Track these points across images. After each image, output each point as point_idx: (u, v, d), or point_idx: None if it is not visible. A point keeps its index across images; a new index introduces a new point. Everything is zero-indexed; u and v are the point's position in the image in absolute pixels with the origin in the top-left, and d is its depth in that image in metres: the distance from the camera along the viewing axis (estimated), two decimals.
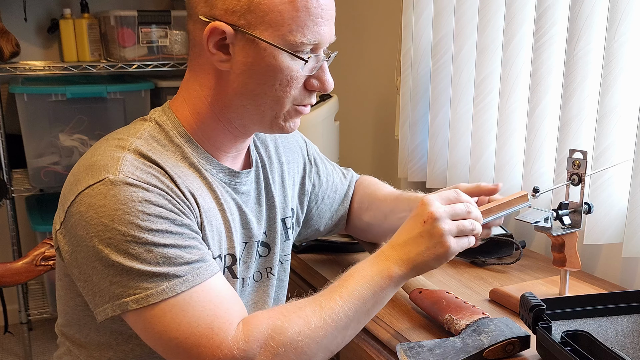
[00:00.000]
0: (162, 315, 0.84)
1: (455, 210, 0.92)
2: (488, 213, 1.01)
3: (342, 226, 1.29)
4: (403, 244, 0.92)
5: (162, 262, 0.84)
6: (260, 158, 1.10)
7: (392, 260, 0.92)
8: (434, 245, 0.90)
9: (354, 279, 0.91)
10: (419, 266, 0.91)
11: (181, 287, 0.85)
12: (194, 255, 0.87)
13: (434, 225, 0.90)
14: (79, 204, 0.86)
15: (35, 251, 1.30)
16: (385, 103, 2.20)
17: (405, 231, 0.93)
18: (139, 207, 0.84)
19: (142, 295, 0.84)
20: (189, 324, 0.84)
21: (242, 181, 1.03)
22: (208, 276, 0.88)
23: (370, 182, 1.31)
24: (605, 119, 1.24)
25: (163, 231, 0.85)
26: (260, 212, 1.08)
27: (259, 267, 1.10)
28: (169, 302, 0.84)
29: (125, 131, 0.96)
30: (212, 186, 0.97)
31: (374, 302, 0.91)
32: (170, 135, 0.96)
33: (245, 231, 1.04)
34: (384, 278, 0.91)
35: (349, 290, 0.90)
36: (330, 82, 0.96)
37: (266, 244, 1.10)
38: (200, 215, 0.93)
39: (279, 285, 1.15)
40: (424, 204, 0.92)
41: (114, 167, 0.87)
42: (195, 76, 0.97)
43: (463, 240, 0.92)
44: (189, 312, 0.85)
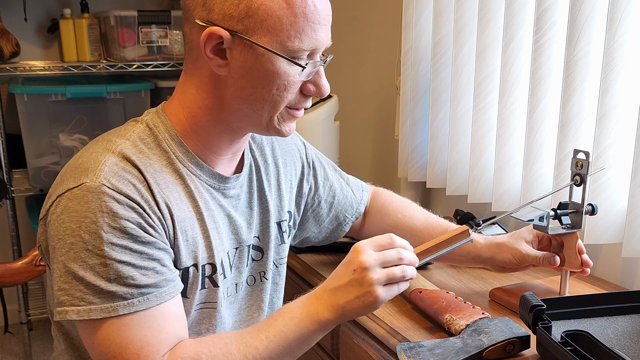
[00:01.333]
0: (98, 330, 0.87)
1: (386, 257, 0.91)
2: (426, 253, 1.00)
3: (339, 235, 1.29)
4: (334, 290, 0.92)
5: (113, 279, 0.86)
6: (255, 162, 1.10)
7: (322, 304, 0.92)
8: (362, 294, 0.90)
9: (282, 319, 0.92)
10: (348, 313, 0.91)
11: (124, 310, 0.86)
12: (148, 278, 0.88)
13: (364, 274, 0.90)
14: (56, 205, 0.89)
15: (35, 251, 1.30)
16: (385, 103, 2.20)
17: (336, 277, 0.93)
18: (105, 219, 0.86)
19: (84, 308, 0.86)
20: (119, 345, 0.86)
21: (231, 185, 1.03)
22: (155, 303, 0.88)
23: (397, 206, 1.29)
24: (605, 119, 1.24)
25: (122, 247, 0.86)
26: (252, 216, 1.08)
27: (252, 271, 1.10)
28: (108, 320, 0.86)
29: (115, 132, 0.97)
30: (193, 195, 0.97)
31: (300, 343, 0.92)
32: (159, 139, 0.96)
33: (235, 237, 1.04)
34: (312, 322, 0.92)
35: (276, 331, 0.91)
36: (327, 87, 0.96)
37: (259, 248, 1.10)
38: (173, 226, 0.93)
39: (273, 289, 1.14)
40: (356, 251, 0.92)
41: (93, 172, 0.88)
42: (191, 79, 0.97)
43: (393, 288, 0.92)
44: (123, 334, 0.86)
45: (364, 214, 1.30)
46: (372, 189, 1.34)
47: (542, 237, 1.17)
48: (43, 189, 2.46)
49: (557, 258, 1.12)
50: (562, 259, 1.14)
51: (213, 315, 1.01)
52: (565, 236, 1.13)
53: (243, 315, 1.10)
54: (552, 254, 1.13)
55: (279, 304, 1.16)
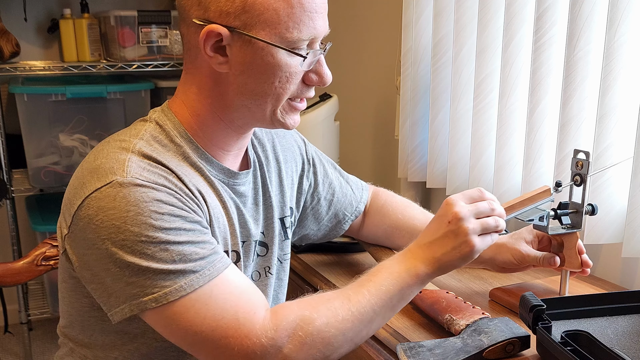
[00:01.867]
0: (185, 312, 0.85)
1: (479, 208, 0.93)
2: (511, 209, 1.02)
3: (338, 234, 1.29)
4: (429, 244, 0.93)
5: (178, 260, 0.85)
6: (258, 158, 1.10)
7: (419, 259, 0.93)
8: (459, 244, 0.91)
9: (381, 275, 0.93)
10: (444, 265, 0.93)
11: (199, 281, 0.85)
12: (208, 250, 0.88)
13: (459, 225, 0.91)
14: (87, 208, 0.86)
15: (35, 251, 1.30)
16: (385, 103, 2.20)
17: (431, 231, 0.94)
18: (150, 207, 0.85)
19: (160, 293, 0.84)
20: (213, 317, 0.85)
21: (240, 181, 1.03)
22: (223, 268, 0.88)
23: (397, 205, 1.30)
24: (605, 119, 1.24)
25: (176, 229, 0.86)
26: (258, 212, 1.08)
27: (257, 266, 1.10)
28: (189, 298, 0.85)
29: (126, 132, 0.96)
30: (214, 185, 0.98)
31: (400, 298, 0.92)
32: (171, 135, 0.96)
33: (243, 230, 1.05)
34: (411, 276, 0.92)
35: (377, 285, 0.91)
36: (329, 75, 0.97)
37: (264, 244, 1.10)
38: (208, 212, 0.94)
39: (277, 285, 1.15)
40: (448, 204, 0.93)
41: (120, 169, 0.87)
42: (192, 79, 0.97)
43: (487, 238, 0.93)
44: (211, 305, 0.85)
45: (364, 214, 1.30)
46: (372, 189, 1.34)
47: (542, 237, 1.17)
48: (43, 189, 2.45)
49: (557, 258, 1.12)
50: (562, 259, 1.14)
51: None
52: (565, 236, 1.13)
53: None
54: (552, 254, 1.13)
55: (283, 300, 1.17)
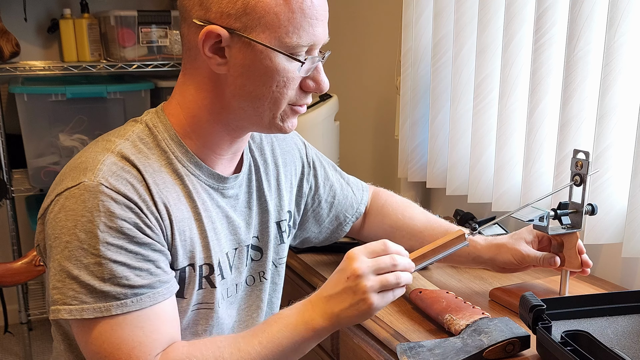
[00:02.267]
0: (91, 329, 0.87)
1: (379, 264, 0.90)
2: (422, 258, 0.99)
3: (339, 236, 1.29)
4: (329, 297, 0.91)
5: (107, 279, 0.86)
6: (255, 162, 1.10)
7: (317, 312, 0.91)
8: (356, 302, 0.89)
9: (277, 326, 0.91)
10: (342, 321, 0.91)
11: (117, 310, 0.86)
12: (142, 279, 0.88)
13: (357, 282, 0.89)
14: (54, 204, 0.89)
15: (34, 251, 1.30)
16: (385, 103, 2.20)
17: (331, 285, 0.92)
18: (101, 218, 0.86)
19: (77, 308, 0.86)
20: (111, 344, 0.86)
21: (229, 185, 1.03)
22: (149, 304, 0.88)
23: (397, 206, 1.29)
24: (605, 119, 1.24)
25: (118, 247, 0.86)
26: (251, 215, 1.08)
27: (251, 271, 1.10)
28: (101, 320, 0.86)
29: (115, 132, 0.97)
30: (191, 195, 0.97)
31: (294, 350, 0.91)
32: (159, 139, 0.96)
33: (234, 237, 1.04)
34: (307, 329, 0.91)
35: (270, 337, 0.90)
36: (326, 83, 0.97)
37: (258, 248, 1.10)
38: (170, 226, 0.93)
39: (272, 289, 1.14)
40: (349, 258, 0.91)
41: (91, 172, 0.88)
42: (190, 79, 0.96)
43: (388, 295, 0.90)
44: (116, 334, 0.86)
45: (364, 215, 1.30)
46: (373, 189, 1.34)
47: (542, 237, 1.17)
48: (43, 189, 2.46)
49: (557, 258, 1.12)
50: (562, 259, 1.14)
51: (210, 315, 1.01)
52: (565, 236, 1.13)
53: (242, 315, 1.10)
54: (552, 254, 1.13)
55: (278, 304, 1.16)
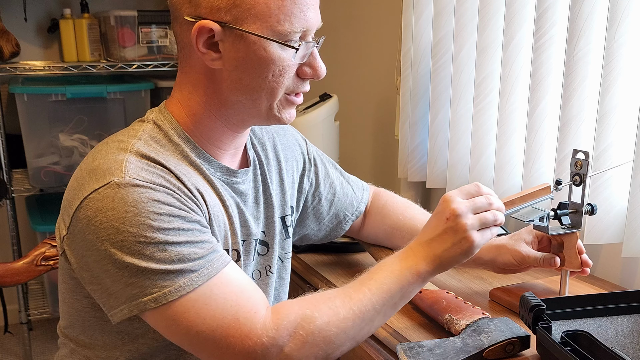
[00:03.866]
0: (185, 312, 0.85)
1: (476, 203, 0.93)
2: (510, 204, 1.02)
3: (338, 234, 1.29)
4: (429, 241, 0.93)
5: (177, 260, 0.85)
6: (258, 157, 1.10)
7: (419, 257, 0.93)
8: (459, 240, 0.91)
9: (383, 273, 0.92)
10: (445, 262, 0.93)
11: (198, 280, 0.85)
12: (206, 249, 0.88)
13: (457, 221, 0.91)
14: (85, 209, 0.86)
15: (35, 251, 1.30)
16: (385, 103, 2.20)
17: (430, 229, 0.94)
18: (148, 208, 0.84)
19: (160, 293, 0.84)
20: (213, 317, 0.85)
21: (240, 180, 1.03)
22: (222, 266, 0.88)
23: (397, 206, 1.29)
24: (605, 119, 1.24)
25: (175, 229, 0.85)
26: (258, 210, 1.08)
27: (258, 265, 1.10)
28: (189, 298, 0.85)
29: (124, 133, 0.96)
30: (213, 183, 0.98)
31: (401, 296, 0.92)
32: (169, 134, 0.96)
33: (244, 229, 1.04)
34: (412, 274, 0.92)
35: (378, 284, 0.91)
36: (323, 68, 0.96)
37: (265, 243, 1.10)
38: (208, 211, 0.94)
39: (279, 284, 1.14)
40: (446, 201, 0.93)
41: (118, 170, 0.86)
42: (187, 78, 0.97)
43: (486, 233, 0.93)
44: (211, 305, 0.85)
45: (365, 214, 1.30)
46: (373, 189, 1.34)
47: (542, 238, 1.17)
48: (43, 189, 2.46)
49: (557, 259, 1.12)
50: (562, 259, 1.14)
51: None
52: (565, 236, 1.13)
53: None
54: (552, 255, 1.13)
55: (285, 298, 1.17)
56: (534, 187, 1.05)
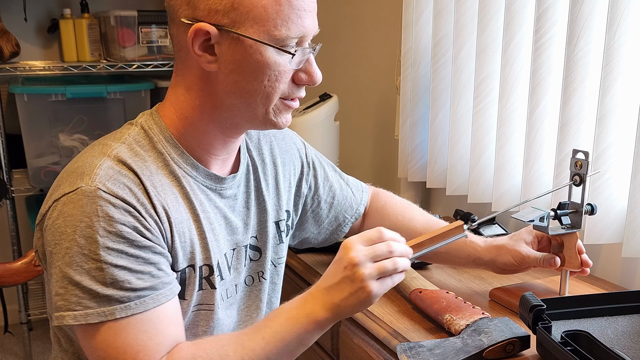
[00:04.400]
0: (95, 334, 0.87)
1: (376, 251, 0.89)
2: (420, 247, 0.98)
3: (338, 237, 1.28)
4: (328, 288, 0.91)
5: (109, 284, 0.86)
6: (252, 161, 1.09)
7: (318, 304, 0.91)
8: (355, 290, 0.88)
9: (279, 320, 0.91)
10: (343, 311, 0.90)
11: (121, 313, 0.86)
12: (144, 282, 0.88)
13: (354, 270, 0.88)
14: (52, 210, 0.88)
15: (33, 251, 1.30)
16: (385, 103, 2.20)
17: (329, 276, 0.92)
18: (101, 223, 0.85)
19: (81, 313, 0.86)
20: (116, 349, 0.86)
21: (227, 186, 1.03)
22: (152, 306, 0.88)
23: (396, 207, 1.29)
24: (605, 119, 1.24)
25: (118, 251, 0.86)
26: (249, 215, 1.07)
27: (250, 271, 1.10)
28: (104, 324, 0.86)
29: (111, 136, 0.97)
30: (189, 196, 0.97)
31: (297, 344, 0.91)
32: (154, 141, 0.96)
33: (231, 237, 1.04)
34: (309, 322, 0.90)
35: (273, 332, 0.90)
36: (318, 75, 0.96)
37: (257, 248, 1.10)
38: (170, 229, 0.93)
39: (271, 289, 1.14)
40: (345, 248, 0.91)
41: (88, 176, 0.88)
42: (182, 80, 0.96)
43: (387, 281, 0.90)
44: (120, 337, 0.86)
45: (364, 215, 1.29)
46: (372, 190, 1.33)
47: (542, 238, 1.17)
48: (43, 189, 2.46)
49: (557, 259, 1.12)
50: (562, 259, 1.14)
51: (210, 317, 1.01)
52: (565, 236, 1.13)
53: (242, 315, 1.09)
54: (552, 255, 1.13)
55: (277, 304, 1.16)
56: (445, 227, 1.01)
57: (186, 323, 0.99)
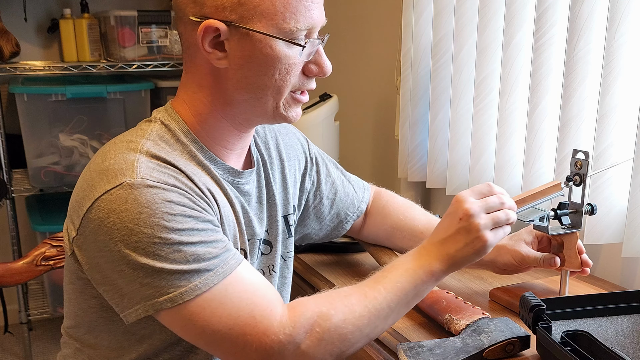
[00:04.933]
0: (201, 311, 0.85)
1: (489, 203, 0.93)
2: (522, 202, 1.03)
3: (339, 234, 1.29)
4: (443, 240, 0.94)
5: (192, 260, 0.85)
6: (261, 156, 1.10)
7: (433, 256, 0.93)
8: (472, 240, 0.92)
9: (397, 271, 0.93)
10: (459, 262, 0.93)
11: (214, 279, 0.85)
12: (220, 248, 0.88)
13: (470, 221, 0.92)
14: (97, 210, 0.85)
15: (35, 251, 1.30)
16: (385, 103, 2.20)
17: (443, 229, 0.95)
18: (162, 209, 0.84)
19: (176, 293, 0.84)
20: (229, 315, 0.85)
21: (245, 180, 1.03)
22: (236, 265, 0.88)
23: (398, 206, 1.29)
24: (605, 119, 1.24)
25: (189, 229, 0.85)
26: (262, 210, 1.08)
27: (261, 264, 1.10)
28: (204, 297, 0.85)
29: (132, 133, 0.95)
30: (221, 183, 0.98)
31: (415, 294, 0.93)
32: (177, 134, 0.96)
33: (248, 229, 1.05)
34: (425, 273, 0.93)
35: (392, 282, 0.92)
36: (329, 65, 0.96)
37: (268, 242, 1.10)
38: (219, 211, 0.94)
39: (281, 282, 1.15)
40: (459, 201, 0.94)
41: (130, 170, 0.86)
42: (192, 78, 0.97)
43: (499, 232, 0.94)
44: (227, 304, 0.85)
45: (365, 214, 1.30)
46: (374, 189, 1.34)
47: (542, 238, 1.17)
48: (43, 189, 2.45)
49: (557, 259, 1.12)
50: (562, 259, 1.14)
51: None
52: (565, 236, 1.13)
53: None
54: (552, 255, 1.13)
55: (287, 297, 1.17)
56: (544, 185, 1.06)
57: None
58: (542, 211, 1.09)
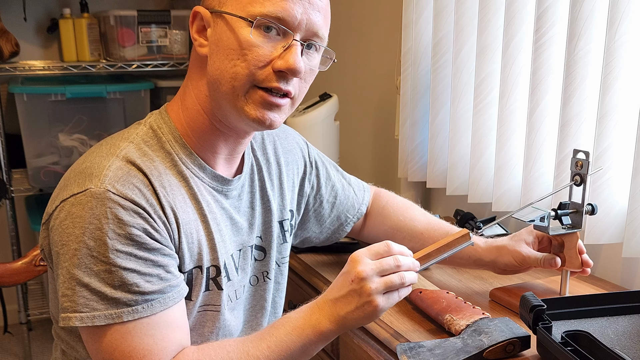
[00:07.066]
0: (102, 336, 0.86)
1: (383, 265, 0.90)
2: (427, 258, 0.98)
3: (340, 236, 1.29)
4: (335, 300, 0.91)
5: (118, 286, 0.85)
6: (257, 161, 1.09)
7: (324, 315, 0.91)
8: (362, 304, 0.89)
9: (284, 329, 0.91)
10: (348, 323, 0.91)
11: (127, 316, 0.86)
12: (153, 285, 0.87)
13: (362, 284, 0.89)
14: (60, 210, 0.88)
15: (34, 251, 1.30)
16: (385, 103, 2.20)
17: (337, 287, 0.92)
18: (110, 225, 0.85)
19: (88, 315, 0.85)
20: (122, 352, 0.86)
21: (232, 187, 1.03)
22: (159, 309, 0.88)
23: (398, 207, 1.29)
24: (605, 119, 1.24)
25: (127, 254, 0.86)
26: (254, 216, 1.07)
27: (255, 271, 1.10)
28: (111, 327, 0.86)
29: (119, 135, 0.96)
30: (197, 197, 0.96)
31: (301, 353, 0.91)
32: (163, 141, 0.95)
33: (237, 238, 1.04)
34: (314, 332, 0.91)
35: (278, 340, 0.90)
36: (296, 63, 0.89)
37: (261, 248, 1.10)
38: (178, 230, 0.93)
39: (276, 289, 1.14)
40: (353, 261, 0.91)
41: (97, 178, 0.87)
42: (188, 73, 0.98)
43: (393, 296, 0.91)
44: (126, 341, 0.86)
45: (365, 215, 1.30)
46: (374, 190, 1.33)
47: (542, 238, 1.17)
48: (43, 189, 2.45)
49: (557, 259, 1.12)
50: (562, 259, 1.14)
51: (216, 317, 1.01)
52: (566, 236, 1.13)
53: (247, 315, 1.10)
54: (553, 255, 1.13)
55: (282, 304, 1.16)
56: (451, 235, 1.01)
57: (192, 323, 0.99)
58: (543, 211, 1.09)
